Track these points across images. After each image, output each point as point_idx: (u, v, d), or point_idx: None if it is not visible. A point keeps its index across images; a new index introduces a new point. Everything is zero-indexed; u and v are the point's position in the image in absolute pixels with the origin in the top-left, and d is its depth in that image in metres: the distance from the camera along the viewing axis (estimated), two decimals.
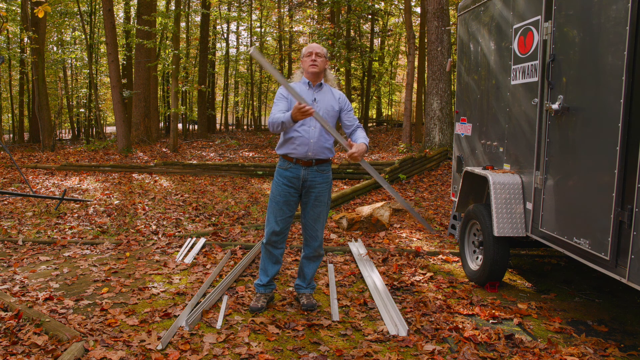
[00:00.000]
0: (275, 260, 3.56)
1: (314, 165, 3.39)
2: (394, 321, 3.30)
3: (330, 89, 3.52)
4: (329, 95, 3.49)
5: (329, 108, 3.44)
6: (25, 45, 18.14)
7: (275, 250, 3.53)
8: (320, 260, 3.63)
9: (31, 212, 6.88)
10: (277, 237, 3.48)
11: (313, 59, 3.41)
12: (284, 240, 3.53)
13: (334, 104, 3.47)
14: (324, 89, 3.48)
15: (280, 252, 3.56)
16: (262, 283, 3.57)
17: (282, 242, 3.52)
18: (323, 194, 3.45)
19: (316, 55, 3.42)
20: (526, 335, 3.17)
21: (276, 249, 3.52)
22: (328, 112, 3.43)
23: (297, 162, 3.38)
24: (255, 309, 3.47)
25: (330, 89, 3.52)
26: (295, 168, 3.39)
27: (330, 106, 3.45)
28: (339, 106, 3.50)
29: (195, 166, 11.23)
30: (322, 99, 3.45)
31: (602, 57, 2.94)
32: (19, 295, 3.71)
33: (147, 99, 16.49)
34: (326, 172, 3.47)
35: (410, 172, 9.78)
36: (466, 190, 4.62)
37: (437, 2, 11.00)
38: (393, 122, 27.78)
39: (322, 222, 3.52)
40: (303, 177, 3.39)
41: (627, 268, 2.73)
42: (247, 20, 26.37)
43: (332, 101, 3.47)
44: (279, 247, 3.52)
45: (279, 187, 3.44)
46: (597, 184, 2.99)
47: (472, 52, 4.85)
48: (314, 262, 3.61)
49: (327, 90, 3.50)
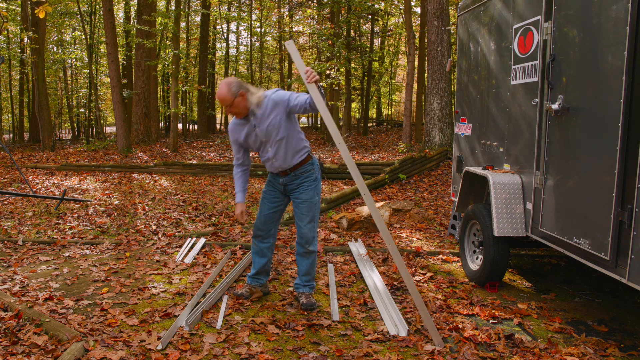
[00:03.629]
0: (260, 253, 3.71)
1: (290, 172, 3.52)
2: (394, 321, 3.30)
3: (265, 105, 3.33)
4: (264, 112, 3.34)
5: (271, 123, 3.34)
6: (25, 45, 18.14)
7: (260, 244, 3.69)
8: (312, 257, 3.59)
9: (31, 212, 6.88)
10: (261, 231, 3.66)
11: (229, 111, 3.34)
12: (270, 236, 3.70)
13: (273, 114, 3.33)
14: (257, 112, 3.35)
15: (267, 247, 3.70)
16: (250, 274, 3.77)
17: (267, 236, 3.68)
18: (305, 192, 3.52)
19: (227, 107, 3.31)
20: (526, 335, 3.17)
21: (261, 242, 3.69)
22: (273, 126, 3.34)
23: (276, 173, 3.59)
24: (235, 293, 3.71)
25: (264, 105, 3.33)
26: (275, 176, 3.62)
27: (272, 120, 3.33)
28: (279, 109, 3.32)
29: (195, 166, 11.23)
30: (260, 120, 3.35)
31: (602, 57, 2.94)
32: (19, 295, 3.71)
33: (147, 99, 16.49)
34: (306, 172, 3.51)
35: (410, 172, 9.78)
36: (466, 190, 4.62)
37: (437, 2, 11.01)
38: (393, 122, 27.78)
39: (307, 219, 3.52)
40: (283, 183, 3.57)
41: (627, 268, 2.73)
42: (247, 20, 26.36)
43: (270, 114, 3.33)
44: (264, 241, 3.69)
45: (266, 186, 3.71)
46: (597, 184, 2.99)
47: (472, 52, 4.85)
48: (306, 258, 3.60)
49: (260, 110, 3.34)
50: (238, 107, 3.31)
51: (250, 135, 3.44)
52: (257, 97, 3.32)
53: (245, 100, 3.29)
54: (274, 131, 3.36)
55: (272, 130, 3.36)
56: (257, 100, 3.31)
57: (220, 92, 3.28)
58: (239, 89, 3.27)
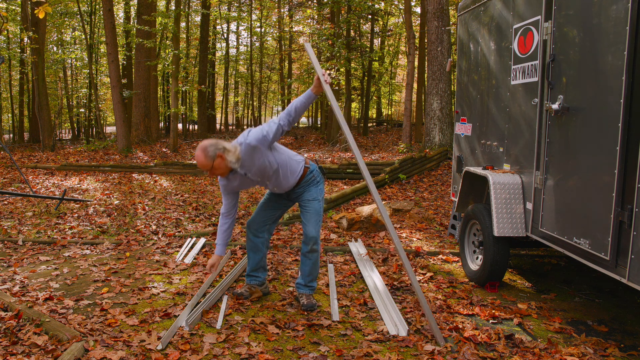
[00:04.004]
0: (255, 248, 3.72)
1: (292, 189, 3.61)
2: (394, 321, 3.30)
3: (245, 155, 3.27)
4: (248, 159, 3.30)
5: (260, 166, 3.34)
6: (25, 45, 18.14)
7: (255, 239, 3.70)
8: (315, 255, 3.59)
9: (31, 212, 6.88)
10: (257, 224, 3.68)
11: (212, 175, 3.32)
12: (265, 231, 3.71)
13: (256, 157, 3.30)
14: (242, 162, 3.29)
15: (261, 241, 3.71)
16: (247, 272, 3.79)
17: (262, 231, 3.70)
18: (308, 195, 3.60)
19: (209, 172, 3.28)
20: (526, 335, 3.17)
21: (256, 237, 3.70)
22: (262, 166, 3.34)
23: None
24: (235, 292, 3.73)
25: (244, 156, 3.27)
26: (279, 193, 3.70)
27: (259, 163, 3.32)
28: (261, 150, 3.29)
29: (195, 166, 11.22)
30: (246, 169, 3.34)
31: (602, 57, 2.94)
32: (19, 295, 3.71)
33: (147, 99, 16.49)
34: (307, 181, 3.59)
35: (410, 172, 9.78)
36: (466, 190, 4.62)
37: (437, 2, 11.01)
38: (393, 122, 27.78)
39: (312, 218, 3.55)
40: (287, 195, 3.69)
41: (627, 268, 2.73)
42: (247, 20, 26.36)
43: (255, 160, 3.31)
44: (259, 235, 3.70)
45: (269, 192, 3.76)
46: (597, 184, 2.99)
47: (472, 52, 4.85)
48: (309, 258, 3.60)
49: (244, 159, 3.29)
50: (220, 169, 3.25)
51: (244, 182, 3.48)
52: (235, 155, 3.23)
53: (225, 160, 3.22)
54: (266, 169, 3.38)
55: (264, 169, 3.38)
56: (235, 158, 3.23)
57: (198, 159, 3.22)
58: (216, 151, 3.19)
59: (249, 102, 30.46)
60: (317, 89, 3.31)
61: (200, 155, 3.22)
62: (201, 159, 3.22)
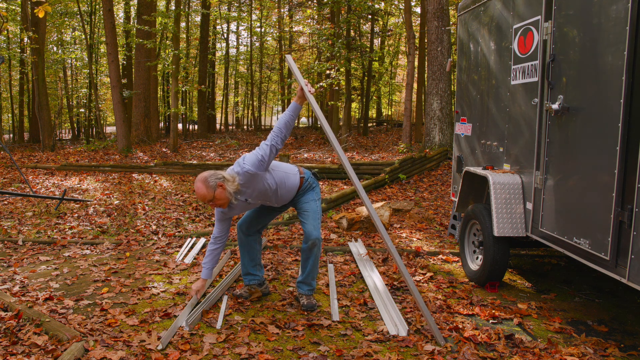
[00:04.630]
0: (247, 245, 3.71)
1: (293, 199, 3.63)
2: (394, 321, 3.30)
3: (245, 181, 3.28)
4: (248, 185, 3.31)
5: (260, 190, 3.35)
6: (25, 45, 18.14)
7: (246, 237, 3.69)
8: (315, 254, 3.55)
9: (31, 212, 6.88)
10: (250, 224, 3.67)
11: (214, 206, 3.28)
12: (257, 231, 3.72)
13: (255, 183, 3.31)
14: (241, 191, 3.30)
15: (253, 239, 3.71)
16: (243, 272, 3.77)
17: (252, 231, 3.70)
18: (305, 198, 3.62)
19: (210, 203, 3.23)
20: (526, 335, 3.17)
21: (247, 235, 3.69)
22: (262, 190, 3.35)
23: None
24: (235, 294, 3.72)
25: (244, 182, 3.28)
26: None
27: (258, 188, 3.34)
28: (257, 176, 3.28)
29: (195, 166, 11.23)
30: (247, 195, 3.35)
31: (602, 57, 2.94)
32: (19, 295, 3.71)
33: (147, 99, 16.49)
34: (303, 191, 3.61)
35: (410, 172, 9.78)
36: (466, 190, 4.62)
37: (437, 2, 11.01)
38: (393, 122, 27.79)
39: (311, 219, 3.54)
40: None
41: (627, 268, 2.73)
42: (247, 20, 26.36)
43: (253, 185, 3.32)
44: (249, 233, 3.69)
45: None
46: (597, 184, 2.99)
47: (472, 52, 4.85)
48: (309, 256, 3.57)
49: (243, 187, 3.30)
50: (221, 199, 3.21)
51: (245, 208, 3.52)
52: (234, 185, 3.21)
53: (225, 189, 3.19)
54: (266, 191, 3.40)
55: (264, 192, 3.40)
56: (234, 188, 3.22)
57: (199, 191, 3.17)
58: (216, 181, 3.17)
59: (249, 102, 30.47)
60: (301, 99, 3.38)
61: (201, 186, 3.16)
62: (202, 190, 3.15)
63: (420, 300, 3.08)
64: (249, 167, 3.23)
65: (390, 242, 3.14)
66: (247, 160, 3.27)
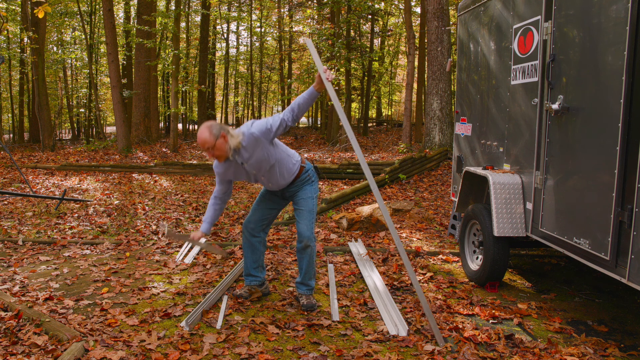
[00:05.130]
0: (252, 247, 3.70)
1: (287, 187, 3.60)
2: (394, 321, 3.30)
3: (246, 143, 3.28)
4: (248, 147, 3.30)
5: (258, 158, 3.34)
6: (25, 45, 18.14)
7: (252, 238, 3.69)
8: (309, 252, 3.54)
9: (31, 212, 6.88)
10: (253, 223, 3.67)
11: (211, 154, 3.28)
12: (261, 231, 3.70)
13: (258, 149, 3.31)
14: (241, 151, 3.31)
15: (258, 240, 3.70)
16: (245, 273, 3.77)
17: (258, 230, 3.69)
18: (303, 194, 3.59)
19: (207, 150, 3.25)
20: (526, 335, 3.17)
21: (252, 236, 3.68)
22: (260, 159, 3.34)
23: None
24: (235, 294, 3.72)
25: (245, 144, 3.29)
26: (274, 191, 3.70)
27: (258, 155, 3.33)
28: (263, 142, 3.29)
29: (195, 166, 11.23)
30: (245, 157, 3.34)
31: (602, 57, 2.94)
32: (19, 295, 3.71)
33: (147, 99, 16.49)
34: (302, 180, 3.58)
35: (410, 172, 9.78)
36: (466, 190, 4.62)
37: (437, 2, 11.01)
38: (393, 122, 27.79)
39: (305, 218, 3.53)
40: (281, 193, 3.67)
41: (627, 268, 2.73)
42: (247, 20, 26.35)
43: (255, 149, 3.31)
44: (255, 234, 3.69)
45: (264, 189, 3.76)
46: (597, 184, 2.99)
47: (472, 52, 4.85)
48: (303, 255, 3.57)
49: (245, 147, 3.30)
50: (220, 150, 3.24)
51: (239, 172, 3.47)
52: (236, 140, 3.24)
53: (227, 142, 3.23)
54: (263, 162, 3.37)
55: (261, 162, 3.37)
56: (235, 144, 3.24)
57: (201, 135, 3.20)
58: (220, 131, 3.21)
59: (249, 102, 30.44)
60: (319, 86, 3.25)
61: (204, 131, 3.21)
62: (205, 135, 3.20)
63: (424, 300, 3.08)
64: (254, 131, 3.26)
65: (399, 239, 3.14)
66: (255, 125, 3.30)
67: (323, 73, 3.18)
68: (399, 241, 3.07)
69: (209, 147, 3.22)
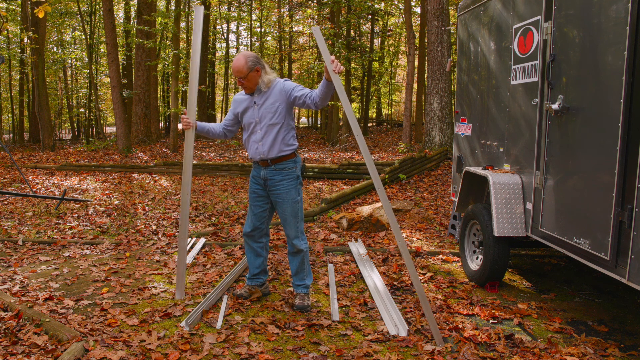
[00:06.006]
0: (255, 252, 3.71)
1: (271, 164, 3.50)
2: (394, 321, 3.30)
3: (272, 88, 3.44)
4: (271, 93, 3.44)
5: (271, 106, 3.43)
6: (25, 45, 18.15)
7: (254, 243, 3.69)
8: (301, 255, 3.56)
9: (31, 212, 6.88)
10: (253, 231, 3.66)
11: (240, 83, 3.41)
12: (262, 235, 3.69)
13: (276, 98, 3.42)
14: (264, 92, 3.45)
15: (260, 246, 3.70)
16: (248, 275, 3.79)
17: (260, 236, 3.68)
18: (285, 191, 3.50)
19: (239, 79, 3.40)
20: (526, 335, 3.17)
21: (254, 242, 3.69)
22: (271, 109, 3.42)
23: (257, 163, 3.59)
24: (235, 294, 3.71)
25: (272, 88, 3.44)
26: (257, 168, 3.61)
27: (272, 103, 3.43)
28: (283, 96, 3.41)
29: (195, 166, 11.23)
30: (262, 100, 3.44)
31: (602, 57, 2.94)
32: (19, 295, 3.71)
33: (147, 99, 16.49)
34: (287, 169, 3.50)
35: (410, 172, 9.78)
36: (466, 190, 4.62)
37: (437, 2, 11.01)
38: (393, 122, 27.77)
39: (291, 220, 3.51)
40: (264, 177, 3.55)
41: (627, 268, 2.73)
42: (247, 20, 26.36)
43: (273, 98, 3.43)
44: (258, 240, 3.69)
45: (250, 184, 3.70)
46: (597, 184, 2.99)
47: (472, 52, 4.85)
48: (294, 257, 3.59)
49: (267, 91, 3.45)
50: (250, 82, 3.38)
51: (247, 111, 3.51)
52: (269, 79, 3.42)
53: (259, 76, 3.39)
54: (270, 114, 3.42)
55: (268, 113, 3.42)
56: (267, 81, 3.41)
57: (236, 62, 3.33)
58: (256, 64, 3.36)
59: None
60: (329, 75, 3.18)
61: (241, 60, 3.32)
62: (241, 62, 3.31)
63: (425, 301, 3.08)
64: (286, 80, 3.45)
65: (402, 239, 3.14)
66: (287, 81, 3.47)
67: (330, 65, 3.09)
68: (402, 241, 3.07)
69: (241, 77, 3.34)
